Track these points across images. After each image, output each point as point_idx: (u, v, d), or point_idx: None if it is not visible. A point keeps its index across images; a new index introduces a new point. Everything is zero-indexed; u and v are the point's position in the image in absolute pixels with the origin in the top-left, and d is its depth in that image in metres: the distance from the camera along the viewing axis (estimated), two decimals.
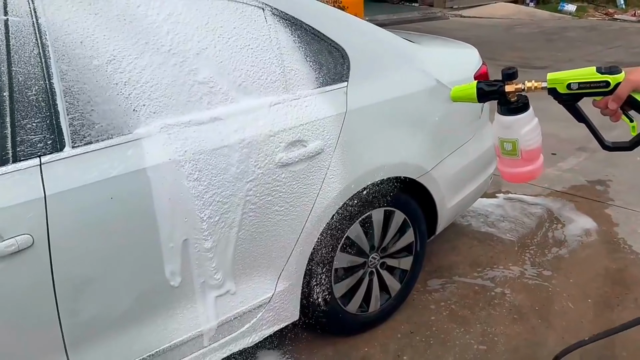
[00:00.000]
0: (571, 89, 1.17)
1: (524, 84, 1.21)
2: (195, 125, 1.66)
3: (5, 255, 1.35)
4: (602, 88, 1.14)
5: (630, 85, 1.11)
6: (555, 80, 1.18)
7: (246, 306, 1.90)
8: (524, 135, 1.25)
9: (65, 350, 1.54)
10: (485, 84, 1.26)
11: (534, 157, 1.29)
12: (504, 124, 1.26)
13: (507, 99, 1.23)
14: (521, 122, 1.24)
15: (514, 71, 1.23)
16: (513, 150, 1.27)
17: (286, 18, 1.89)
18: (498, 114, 1.26)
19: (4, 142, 1.36)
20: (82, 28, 1.49)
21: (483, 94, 1.27)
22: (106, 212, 1.50)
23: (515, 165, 1.30)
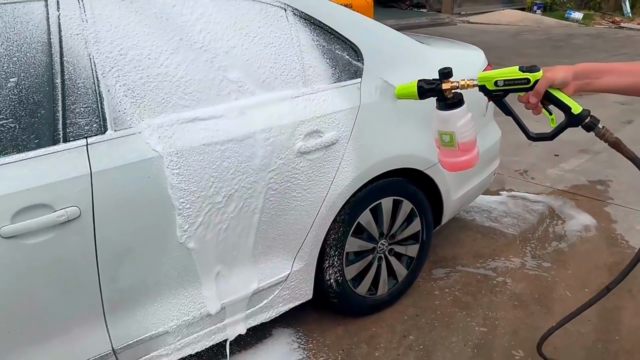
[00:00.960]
0: (498, 86, 1.29)
1: (458, 82, 1.34)
2: (224, 117, 1.81)
3: (56, 225, 1.51)
4: (523, 85, 1.26)
5: (546, 81, 1.23)
6: (484, 78, 1.31)
7: (265, 283, 2.05)
8: (459, 128, 1.38)
9: (104, 315, 1.70)
10: (424, 82, 1.39)
11: (470, 147, 1.43)
12: (442, 118, 1.39)
13: (444, 96, 1.36)
14: (457, 116, 1.38)
15: (449, 70, 1.36)
16: (451, 141, 1.41)
17: (306, 18, 2.05)
18: (436, 109, 1.40)
19: (56, 124, 1.53)
20: (125, 24, 1.66)
21: (423, 92, 1.40)
22: (143, 189, 1.66)
23: (453, 156, 1.44)
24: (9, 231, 1.44)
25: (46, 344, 1.61)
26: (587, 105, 1.27)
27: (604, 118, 1.33)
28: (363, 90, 2.15)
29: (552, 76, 1.24)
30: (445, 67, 1.36)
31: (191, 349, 1.94)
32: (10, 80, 1.48)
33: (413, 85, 1.41)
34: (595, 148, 4.49)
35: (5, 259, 1.46)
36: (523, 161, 4.32)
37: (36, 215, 1.48)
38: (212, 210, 1.81)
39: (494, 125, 2.90)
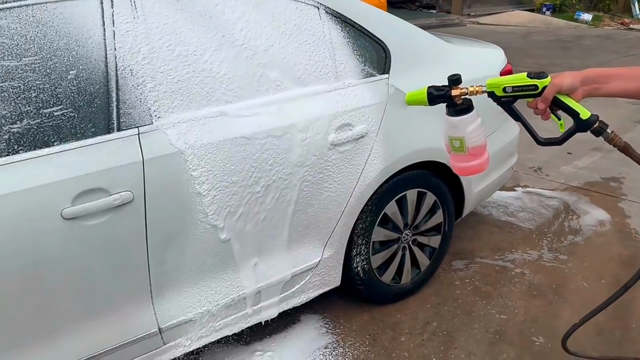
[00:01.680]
0: (506, 92, 1.30)
1: (467, 88, 1.34)
2: (263, 111, 1.91)
3: (111, 208, 1.62)
4: (531, 91, 1.27)
5: (554, 87, 1.24)
6: (493, 84, 1.32)
7: (297, 269, 2.15)
8: (469, 133, 1.39)
9: (151, 295, 1.80)
10: (434, 88, 1.39)
11: (480, 152, 1.43)
12: (452, 123, 1.40)
13: (454, 102, 1.36)
14: (467, 121, 1.38)
15: (458, 77, 1.36)
16: (461, 146, 1.41)
17: (337, 16, 2.15)
18: (446, 115, 1.40)
19: (111, 114, 1.63)
20: (172, 21, 1.76)
21: (432, 98, 1.40)
22: (189, 177, 1.76)
23: (464, 160, 1.44)
24: (70, 213, 1.55)
25: (99, 320, 1.71)
26: (597, 106, 1.32)
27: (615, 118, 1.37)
28: (391, 85, 2.24)
29: (559, 82, 1.24)
30: (454, 74, 1.37)
31: (229, 330, 2.04)
32: (70, 73, 1.58)
33: (423, 91, 1.42)
34: (607, 146, 4.49)
35: (65, 239, 1.56)
36: (537, 159, 4.40)
37: (94, 199, 1.58)
38: (251, 200, 1.91)
39: (512, 121, 2.98)
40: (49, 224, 1.53)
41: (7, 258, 1.49)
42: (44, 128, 1.54)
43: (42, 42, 1.55)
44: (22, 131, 1.51)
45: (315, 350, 2.27)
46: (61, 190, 1.54)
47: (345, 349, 2.28)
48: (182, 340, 1.92)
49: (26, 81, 1.52)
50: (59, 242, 1.56)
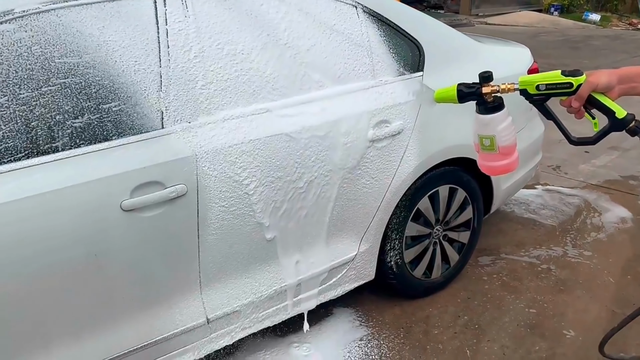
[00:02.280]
0: (540, 90, 1.27)
1: (499, 85, 1.31)
2: (306, 108, 1.96)
3: (167, 200, 1.67)
4: (566, 89, 1.24)
5: (590, 86, 1.21)
6: (525, 82, 1.29)
7: (335, 262, 2.20)
8: (500, 132, 1.36)
9: (200, 286, 1.85)
10: (464, 86, 1.36)
11: (510, 151, 1.40)
12: (482, 121, 1.37)
13: (484, 100, 1.34)
14: (498, 119, 1.35)
15: (489, 74, 1.33)
16: (491, 145, 1.38)
17: (374, 15, 2.20)
18: (476, 113, 1.38)
19: (164, 110, 1.69)
20: (221, 21, 1.81)
21: (463, 95, 1.37)
22: (237, 172, 1.81)
23: (493, 159, 1.41)
24: (128, 205, 1.60)
25: (152, 309, 1.77)
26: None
27: None
28: (425, 83, 2.29)
29: (595, 80, 1.22)
30: (485, 71, 1.35)
31: (270, 321, 2.09)
32: (126, 69, 1.63)
33: (453, 89, 1.39)
34: (624, 145, 4.60)
35: (124, 230, 1.62)
36: (555, 157, 4.44)
37: (150, 192, 1.64)
38: (294, 195, 1.96)
39: (538, 119, 3.03)
40: (109, 215, 1.58)
41: (69, 248, 1.54)
42: (103, 123, 1.59)
43: (100, 40, 1.60)
44: (83, 126, 1.56)
45: (351, 342, 2.32)
46: (120, 183, 1.59)
47: (380, 341, 2.33)
48: (227, 331, 1.98)
49: (86, 77, 1.57)
50: (118, 233, 1.61)
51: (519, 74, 2.65)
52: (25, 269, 1.49)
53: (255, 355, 2.23)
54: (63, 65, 1.54)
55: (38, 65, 1.51)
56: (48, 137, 1.51)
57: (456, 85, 1.39)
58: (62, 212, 1.51)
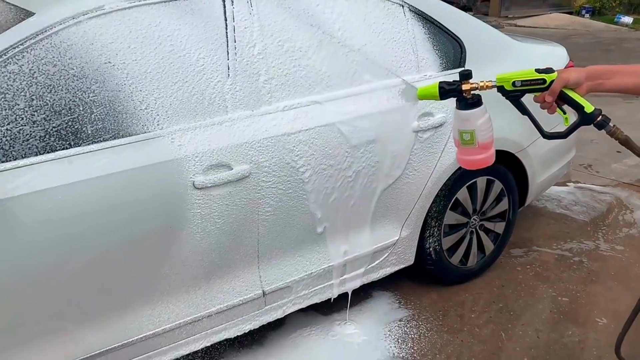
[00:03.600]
0: (515, 86, 1.34)
1: (478, 83, 1.38)
2: (357, 101, 2.10)
3: (233, 181, 1.83)
4: (539, 85, 1.31)
5: (561, 82, 1.29)
6: (502, 79, 1.36)
7: (378, 246, 2.34)
8: (479, 126, 1.43)
9: (258, 260, 2.01)
10: (445, 83, 1.44)
11: (488, 146, 1.47)
12: (462, 117, 1.44)
13: (464, 96, 1.41)
14: (477, 114, 1.42)
15: (469, 72, 1.41)
16: (471, 139, 1.45)
17: (419, 13, 2.34)
18: (456, 109, 1.45)
19: (230, 98, 1.85)
20: (281, 19, 1.97)
21: (444, 92, 1.44)
22: (294, 158, 1.96)
23: (472, 154, 1.48)
24: (200, 182, 1.77)
25: (215, 279, 1.94)
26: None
27: None
28: None
29: (566, 76, 1.29)
30: (465, 69, 1.43)
31: (318, 298, 2.25)
32: (199, 61, 1.80)
33: (434, 86, 1.46)
34: None
35: (194, 205, 1.78)
36: (586, 156, 4.50)
37: (219, 172, 1.80)
38: (343, 183, 2.10)
39: (572, 116, 3.11)
40: (184, 192, 1.75)
41: (150, 219, 1.72)
42: (178, 108, 1.76)
43: (176, 33, 1.77)
44: (160, 110, 1.73)
45: (391, 322, 2.46)
46: (194, 163, 1.76)
47: (419, 322, 2.46)
48: (280, 304, 2.14)
49: (164, 67, 1.74)
50: (190, 208, 1.78)
51: None
52: (116, 237, 1.68)
53: (302, 330, 2.39)
54: (145, 55, 1.72)
55: (124, 55, 1.69)
56: (133, 119, 1.69)
57: (438, 83, 1.45)
58: (145, 188, 1.69)
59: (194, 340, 1.96)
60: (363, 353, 2.26)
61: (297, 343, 2.32)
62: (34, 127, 1.56)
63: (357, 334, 2.37)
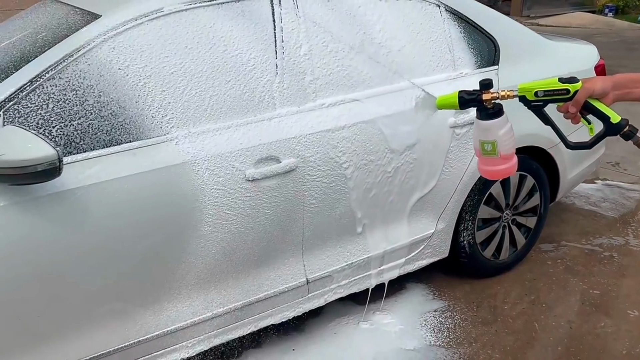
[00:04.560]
0: (538, 97, 1.32)
1: (499, 92, 1.37)
2: (397, 99, 2.19)
3: (281, 173, 1.93)
4: (563, 95, 1.28)
5: (586, 92, 1.25)
6: (524, 89, 1.34)
7: (414, 238, 2.42)
8: (501, 136, 1.41)
9: (302, 249, 2.11)
10: (465, 92, 1.41)
11: (510, 156, 1.45)
12: (483, 127, 1.42)
13: (484, 106, 1.39)
14: (498, 125, 1.40)
15: (489, 81, 1.39)
16: (493, 150, 1.42)
17: (454, 13, 2.41)
18: (477, 119, 1.43)
19: (278, 95, 1.95)
20: (326, 20, 2.07)
21: (464, 102, 1.41)
22: (338, 154, 2.05)
23: (494, 164, 1.46)
24: (251, 174, 1.87)
25: (262, 267, 2.03)
26: None
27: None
28: (500, 76, 2.48)
29: (591, 87, 1.25)
30: (485, 79, 1.40)
31: (356, 287, 2.33)
32: (249, 59, 1.91)
33: (454, 95, 1.43)
34: None
35: (247, 196, 1.89)
36: (613, 154, 4.51)
37: (268, 164, 1.90)
38: (383, 179, 2.19)
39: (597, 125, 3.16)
40: (236, 182, 1.85)
41: (203, 210, 1.82)
42: (230, 103, 1.86)
43: (228, 35, 1.88)
44: (216, 106, 1.84)
45: (426, 312, 2.53)
46: (245, 156, 1.86)
47: (454, 312, 2.53)
48: (322, 293, 2.23)
49: (217, 65, 1.85)
50: (242, 199, 1.88)
51: (587, 70, 2.86)
52: (175, 225, 1.79)
53: (340, 319, 2.48)
54: (200, 55, 1.83)
55: (181, 55, 1.79)
56: (193, 115, 1.80)
57: (457, 92, 1.43)
58: (201, 179, 1.79)
59: (243, 325, 2.06)
60: (400, 341, 2.34)
61: (336, 330, 2.41)
62: (102, 122, 1.67)
63: (394, 323, 2.45)
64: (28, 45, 1.75)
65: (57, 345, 1.70)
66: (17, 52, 1.75)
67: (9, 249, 1.53)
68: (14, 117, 1.56)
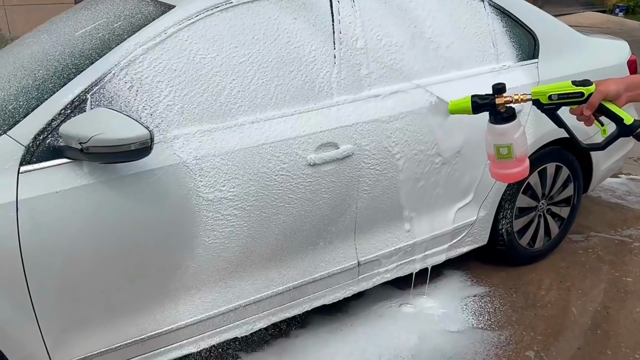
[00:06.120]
0: (552, 100, 1.34)
1: (512, 96, 1.38)
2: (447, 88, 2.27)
3: (339, 158, 2.02)
4: (577, 98, 1.30)
5: (600, 95, 1.28)
6: (538, 92, 1.36)
7: (457, 225, 2.50)
8: (517, 139, 1.44)
9: (354, 232, 2.20)
10: (478, 97, 1.44)
11: (524, 159, 1.48)
12: (498, 131, 1.44)
13: (498, 110, 1.41)
14: (513, 128, 1.43)
15: (502, 86, 1.40)
16: (509, 153, 1.45)
17: (497, 7, 2.50)
18: (491, 123, 1.44)
19: (336, 84, 2.04)
20: (380, 15, 2.15)
21: (477, 107, 1.44)
22: (395, 144, 2.14)
23: (509, 167, 1.48)
24: (312, 159, 1.96)
25: (318, 250, 2.12)
26: None
27: None
28: (540, 69, 2.57)
29: (605, 89, 1.27)
30: (498, 83, 1.41)
31: (402, 272, 2.42)
32: (309, 50, 1.99)
33: (467, 100, 1.45)
34: None
35: (308, 180, 1.98)
36: (636, 150, 4.56)
37: (328, 150, 1.99)
38: (430, 169, 2.27)
39: (632, 109, 3.24)
40: (298, 166, 1.94)
41: (271, 190, 1.90)
42: (294, 93, 1.95)
43: (291, 27, 1.97)
44: (280, 95, 1.93)
45: (466, 297, 2.62)
46: (307, 142, 1.95)
47: (493, 298, 2.62)
48: (370, 275, 2.32)
49: (283, 58, 1.94)
50: (302, 181, 1.97)
51: (620, 65, 2.94)
52: (247, 203, 1.87)
53: (383, 302, 2.57)
54: (266, 46, 1.92)
55: (248, 46, 1.88)
56: (255, 104, 1.89)
57: (470, 97, 1.45)
58: (269, 162, 1.88)
59: (298, 305, 2.15)
60: (443, 324, 2.43)
61: (380, 313, 2.50)
62: (178, 107, 1.76)
63: (436, 307, 2.54)
64: (107, 34, 1.84)
65: (132, 319, 1.79)
66: (97, 40, 1.84)
67: (95, 225, 1.63)
68: (100, 100, 1.65)
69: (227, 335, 2.00)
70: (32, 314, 1.58)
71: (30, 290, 1.56)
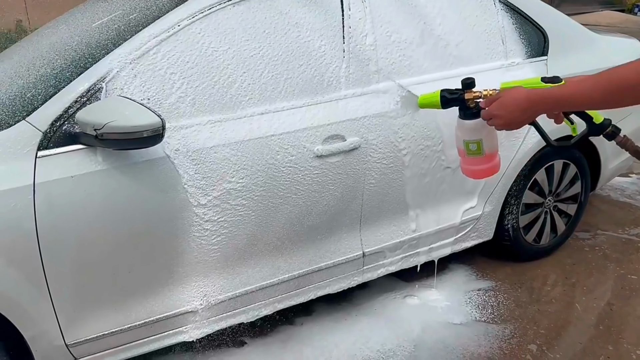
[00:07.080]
0: None
1: (481, 92, 1.37)
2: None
3: (345, 151, 2.06)
4: None
5: None
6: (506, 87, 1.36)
7: (463, 219, 2.53)
8: (486, 135, 1.42)
9: (360, 223, 2.24)
10: (447, 92, 1.45)
11: (494, 155, 1.48)
12: (468, 127, 1.42)
13: (467, 105, 1.40)
14: (483, 123, 1.39)
15: (472, 81, 1.40)
16: (478, 149, 1.43)
17: (507, 4, 2.52)
18: (460, 119, 1.42)
19: (342, 78, 2.08)
20: (390, 11, 2.19)
21: (446, 101, 1.44)
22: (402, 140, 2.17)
23: (479, 163, 1.47)
24: (319, 151, 2.00)
25: (324, 240, 2.17)
26: None
27: None
28: (549, 66, 2.58)
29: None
30: (468, 78, 1.41)
31: (407, 264, 2.46)
32: (320, 43, 2.04)
33: (436, 94, 1.45)
34: None
35: (314, 171, 2.02)
36: None
37: (335, 142, 2.04)
38: (437, 165, 2.30)
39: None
40: (306, 157, 1.99)
41: (279, 180, 1.95)
42: (303, 86, 2.00)
43: (301, 21, 2.01)
44: (289, 88, 1.97)
45: (471, 291, 2.65)
46: (314, 134, 2.00)
47: (497, 292, 2.65)
48: (375, 267, 2.36)
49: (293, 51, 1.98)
50: (309, 172, 2.01)
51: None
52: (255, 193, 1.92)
53: (387, 294, 2.61)
54: (276, 40, 1.96)
55: (260, 39, 1.93)
56: (265, 96, 1.93)
57: (439, 91, 1.44)
58: (276, 153, 1.93)
59: (303, 293, 2.20)
60: (447, 316, 2.47)
61: (385, 304, 2.54)
62: (189, 97, 1.81)
63: (440, 300, 2.57)
64: (122, 25, 1.90)
65: (142, 301, 1.85)
66: (113, 32, 1.90)
67: (108, 209, 1.69)
68: (114, 89, 1.71)
69: (233, 320, 2.06)
70: (46, 292, 1.65)
71: (45, 269, 1.62)
